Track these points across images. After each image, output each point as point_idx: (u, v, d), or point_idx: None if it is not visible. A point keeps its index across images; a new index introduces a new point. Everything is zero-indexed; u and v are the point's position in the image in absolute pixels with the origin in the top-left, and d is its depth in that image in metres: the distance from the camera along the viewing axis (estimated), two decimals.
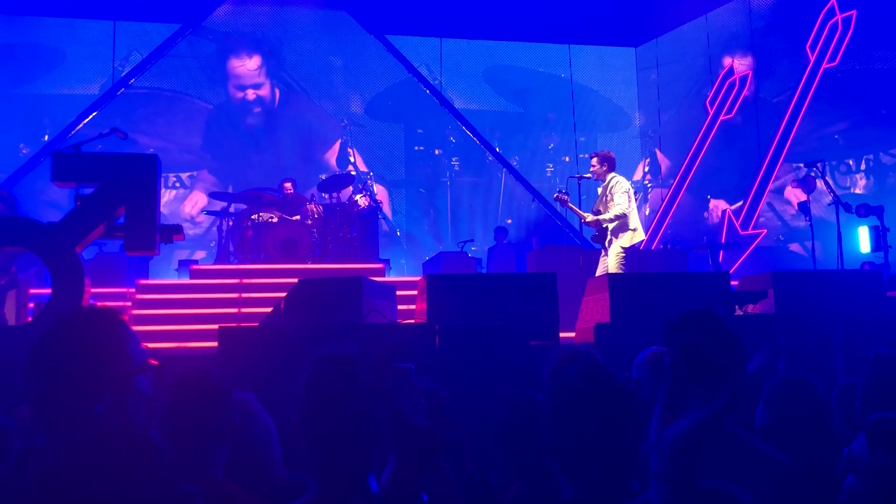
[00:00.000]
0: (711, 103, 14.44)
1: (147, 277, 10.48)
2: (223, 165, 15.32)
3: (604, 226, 7.75)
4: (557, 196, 7.95)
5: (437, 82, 16.36)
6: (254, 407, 2.83)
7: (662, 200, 15.19)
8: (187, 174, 15.28)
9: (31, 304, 8.55)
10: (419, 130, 16.32)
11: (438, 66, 16.50)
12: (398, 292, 7.22)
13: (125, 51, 15.17)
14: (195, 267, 10.21)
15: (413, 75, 16.10)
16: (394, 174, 16.23)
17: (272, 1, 15.40)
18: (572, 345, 3.30)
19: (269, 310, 7.40)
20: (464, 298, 5.87)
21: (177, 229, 6.20)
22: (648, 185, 16.35)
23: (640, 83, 17.08)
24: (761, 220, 13.53)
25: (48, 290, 8.97)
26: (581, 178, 8.45)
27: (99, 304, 8.02)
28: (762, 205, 13.47)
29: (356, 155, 15.86)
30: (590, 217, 7.87)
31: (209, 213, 13.07)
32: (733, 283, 7.31)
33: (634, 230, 7.69)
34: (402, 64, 16.02)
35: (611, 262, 7.61)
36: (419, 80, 16.09)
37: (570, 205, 7.90)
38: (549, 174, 16.44)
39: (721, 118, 14.20)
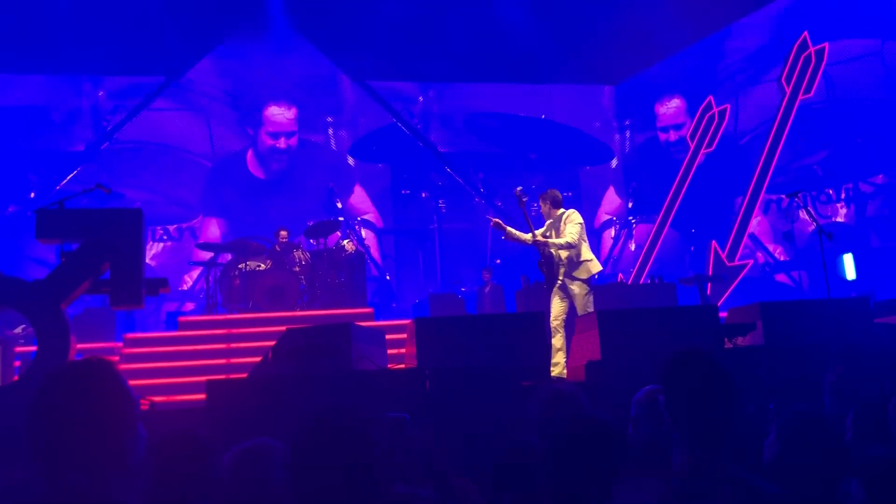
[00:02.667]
0: (692, 137, 14.63)
1: (134, 331, 10.38)
2: (224, 216, 15.35)
3: (550, 249, 7.47)
4: (494, 222, 7.86)
5: (419, 126, 16.52)
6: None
7: (647, 235, 15.31)
8: (174, 226, 15.28)
9: (17, 363, 8.46)
10: (405, 174, 16.44)
11: (420, 111, 16.68)
12: (387, 336, 7.20)
13: (111, 106, 15.27)
14: (183, 318, 10.14)
15: (397, 120, 16.26)
16: (382, 218, 16.28)
17: (247, 54, 15.51)
18: (556, 386, 3.29)
19: (258, 359, 7.35)
20: (453, 341, 5.85)
21: (162, 282, 6.18)
22: (633, 221, 16.47)
23: (619, 118, 17.32)
24: (745, 251, 13.63)
25: (32, 348, 8.92)
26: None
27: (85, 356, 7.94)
28: (746, 237, 13.58)
29: (363, 195, 15.99)
30: (528, 237, 7.57)
31: (195, 263, 13.03)
32: (722, 315, 7.34)
33: (590, 261, 7.47)
34: (386, 110, 16.18)
35: (578, 303, 7.32)
36: (403, 125, 16.24)
37: (509, 228, 7.76)
38: (534, 213, 16.55)
39: (703, 151, 14.38)
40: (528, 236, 7.56)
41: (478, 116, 16.90)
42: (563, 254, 7.39)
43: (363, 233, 15.74)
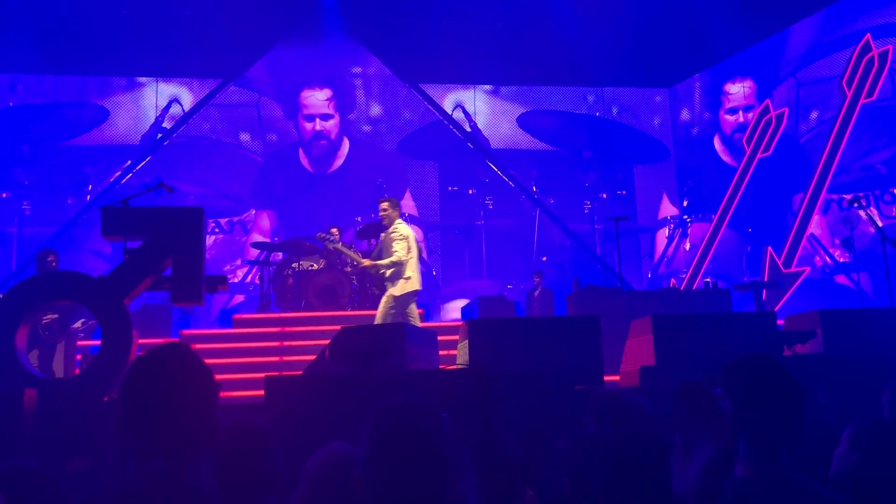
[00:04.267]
0: (748, 141, 14.37)
1: (189, 328, 10.60)
2: (275, 210, 15.60)
3: (380, 271, 7.74)
4: (320, 237, 7.98)
5: (471, 124, 16.52)
6: None
7: (702, 235, 15.06)
8: (226, 220, 15.56)
9: (79, 357, 8.72)
10: (453, 171, 16.45)
11: (473, 107, 16.68)
12: (438, 337, 7.23)
13: (166, 101, 15.65)
14: (238, 316, 10.33)
15: (446, 122, 16.30)
16: (429, 214, 16.33)
17: (301, 55, 15.75)
18: (617, 391, 3.26)
19: (310, 358, 7.45)
20: (506, 343, 5.85)
21: (221, 280, 6.31)
22: (688, 220, 16.23)
23: (674, 120, 17.10)
24: (804, 253, 13.34)
25: (94, 342, 9.18)
26: (619, 220, 8.48)
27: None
28: (804, 241, 13.28)
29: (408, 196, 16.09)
30: (366, 262, 7.89)
31: (247, 262, 13.26)
32: (779, 322, 7.20)
33: (408, 279, 7.66)
34: (436, 112, 16.24)
35: (380, 308, 7.62)
36: (453, 128, 16.28)
37: (339, 247, 7.95)
38: (586, 211, 16.41)
39: (758, 156, 14.12)
40: (365, 260, 7.97)
41: (531, 114, 16.84)
42: (389, 270, 7.69)
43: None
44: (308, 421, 4.54)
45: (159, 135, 15.41)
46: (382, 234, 8.01)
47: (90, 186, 15.02)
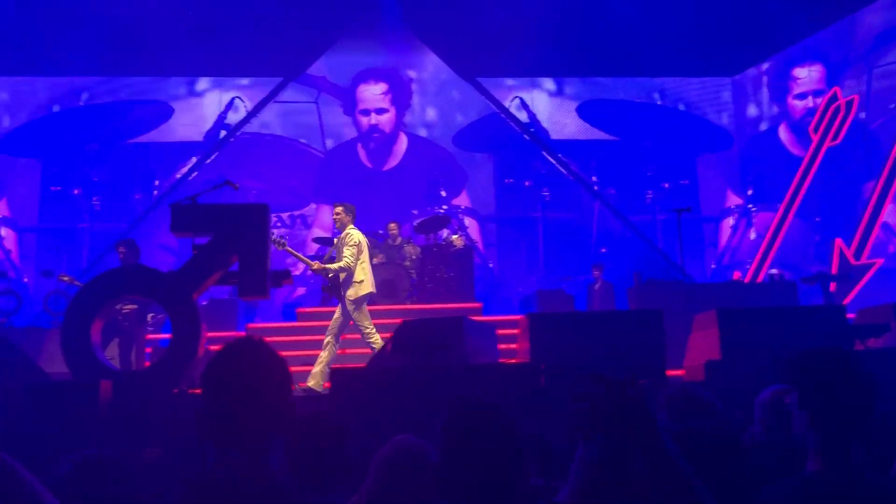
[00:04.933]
0: (816, 129, 13.96)
1: (255, 321, 10.83)
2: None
3: (329, 275, 7.94)
4: (274, 240, 7.97)
5: (529, 115, 16.42)
6: None
7: (768, 224, 14.68)
8: (287, 214, 15.83)
9: (148, 350, 9.00)
10: (509, 163, 16.39)
11: (531, 98, 16.59)
12: (497, 331, 7.24)
13: (228, 99, 16.04)
14: (301, 310, 10.52)
15: (504, 116, 16.25)
16: (484, 207, 16.32)
17: (359, 52, 15.91)
18: (690, 386, 3.22)
19: (371, 350, 7.56)
20: (567, 337, 5.83)
21: (285, 274, 6.44)
22: (753, 209, 15.84)
23: (738, 108, 16.70)
24: (877, 241, 12.89)
25: (163, 336, 9.46)
26: (681, 211, 8.36)
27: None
28: (876, 231, 12.84)
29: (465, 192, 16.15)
30: (316, 265, 8.03)
31: (309, 257, 13.45)
32: (849, 315, 7.00)
33: (360, 282, 7.84)
34: (494, 106, 16.20)
35: (354, 318, 7.83)
36: (511, 121, 16.22)
37: (290, 249, 8.03)
38: (648, 201, 16.16)
39: (826, 145, 13.70)
40: (314, 263, 8.08)
41: (591, 103, 16.65)
42: (342, 275, 7.85)
43: (466, 221, 15.83)
44: (372, 412, 4.61)
45: (223, 132, 15.78)
46: (336, 239, 8.23)
47: (157, 182, 15.49)
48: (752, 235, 15.47)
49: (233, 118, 15.92)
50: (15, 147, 15.35)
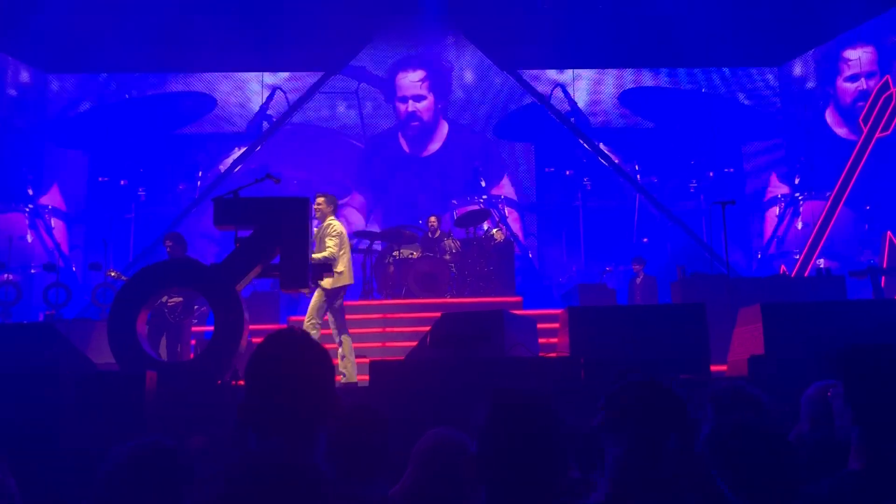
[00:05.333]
0: (865, 120, 13.61)
1: (296, 314, 10.94)
2: (374, 196, 15.94)
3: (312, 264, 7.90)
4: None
5: (571, 103, 16.29)
6: None
7: (815, 213, 14.33)
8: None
9: (193, 341, 9.16)
10: (550, 152, 16.26)
11: (572, 86, 16.44)
12: (538, 325, 7.22)
13: (269, 89, 16.23)
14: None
15: (545, 107, 16.14)
16: (525, 196, 16.24)
17: (399, 42, 15.97)
18: (737, 382, 3.17)
19: (412, 343, 7.59)
20: (608, 331, 5.78)
21: (327, 268, 6.49)
22: (800, 198, 15.49)
23: (785, 94, 16.34)
24: None
25: (207, 328, 9.61)
26: (726, 204, 8.23)
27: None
28: None
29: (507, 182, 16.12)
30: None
31: (352, 251, 13.55)
32: None
33: (340, 273, 7.85)
34: (535, 97, 16.11)
35: (314, 303, 7.78)
36: (552, 113, 16.11)
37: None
38: (692, 190, 15.91)
39: (876, 136, 13.34)
40: None
41: (634, 91, 16.45)
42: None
43: (506, 211, 15.78)
44: (411, 405, 4.63)
45: (265, 123, 15.99)
46: (315, 229, 8.20)
47: (200, 173, 15.78)
48: (799, 224, 15.13)
49: (274, 109, 16.12)
50: (64, 139, 15.77)
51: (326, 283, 7.78)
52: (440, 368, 5.07)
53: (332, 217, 8.09)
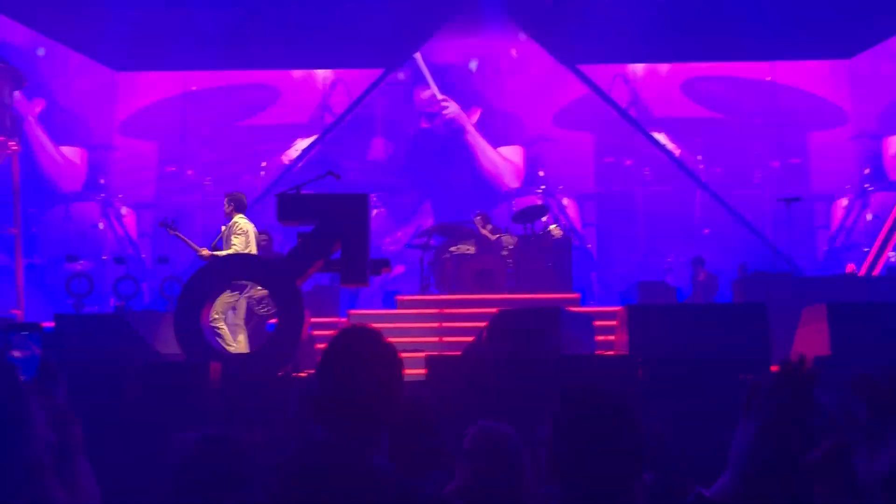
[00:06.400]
0: None
1: (356, 307, 11.10)
2: (429, 191, 16.09)
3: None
4: (162, 224, 8.09)
5: (631, 93, 16.09)
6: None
7: (885, 204, 13.81)
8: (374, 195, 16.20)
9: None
10: (609, 141, 16.09)
11: (634, 75, 16.23)
12: (595, 322, 7.17)
13: (330, 83, 16.55)
14: (400, 297, 10.71)
15: (605, 100, 15.96)
16: (584, 186, 16.09)
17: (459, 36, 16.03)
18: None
19: (467, 339, 7.62)
20: (667, 330, 5.71)
21: (385, 263, 6.58)
22: (869, 189, 14.97)
23: (854, 82, 15.80)
24: None
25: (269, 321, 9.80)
26: (790, 201, 8.05)
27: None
28: None
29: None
30: (205, 252, 7.87)
31: (411, 246, 13.65)
32: None
33: None
34: (593, 90, 15.95)
35: (220, 299, 7.49)
36: (612, 106, 15.93)
37: (180, 235, 8.02)
38: (756, 181, 15.54)
39: None
40: (203, 250, 7.89)
41: (697, 80, 16.14)
42: None
43: (564, 201, 15.68)
44: (467, 400, 4.67)
45: (326, 115, 16.25)
46: (223, 227, 8.25)
47: (263, 164, 16.14)
48: (869, 216, 14.62)
49: (336, 101, 16.36)
50: (135, 130, 16.34)
51: None
52: (496, 364, 5.09)
53: (240, 215, 8.16)
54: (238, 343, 7.61)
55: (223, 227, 8.25)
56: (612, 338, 7.39)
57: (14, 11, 13.65)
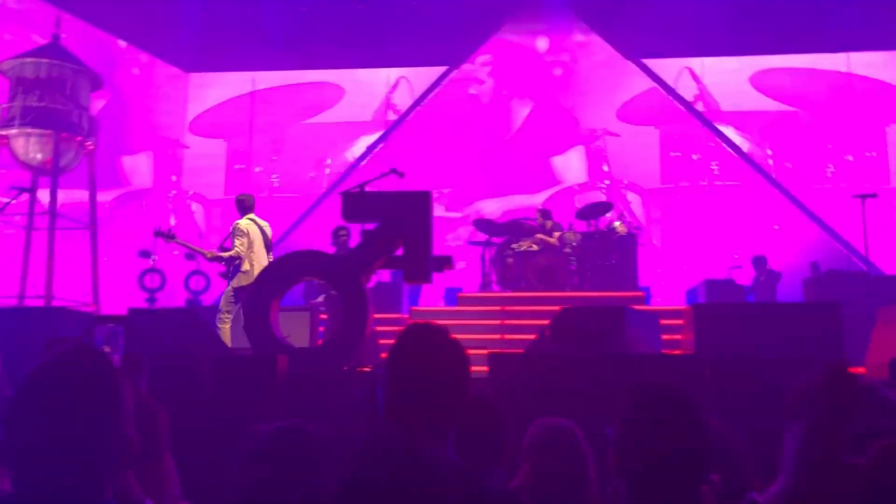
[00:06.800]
0: None
1: (418, 304, 11.17)
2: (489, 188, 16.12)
3: (222, 263, 8.21)
4: (157, 234, 8.28)
5: (699, 87, 15.77)
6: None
7: None
8: (448, 190, 16.20)
9: (321, 328, 9.52)
10: (675, 135, 15.82)
11: (701, 68, 15.91)
12: (661, 321, 7.06)
13: (393, 82, 16.73)
14: (462, 294, 10.74)
15: (669, 95, 15.69)
16: (649, 180, 15.85)
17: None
18: (870, 384, 3.02)
19: (530, 336, 7.59)
20: (735, 330, 5.59)
21: (447, 260, 6.60)
22: None
23: None
24: None
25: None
26: (866, 197, 7.78)
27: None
28: None
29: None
30: (209, 253, 8.28)
31: (473, 243, 13.68)
32: None
33: (246, 272, 8.05)
34: (659, 84, 15.69)
35: (223, 298, 8.08)
36: (677, 101, 15.65)
37: (181, 241, 8.36)
38: (829, 174, 15.06)
39: None
40: (208, 252, 8.32)
41: (768, 73, 15.72)
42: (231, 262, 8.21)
43: (629, 196, 15.47)
44: (529, 397, 4.66)
45: (390, 112, 16.40)
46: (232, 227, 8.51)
47: (328, 161, 16.42)
48: None
49: (399, 100, 16.50)
50: (205, 129, 16.82)
51: (234, 281, 8.13)
52: (560, 362, 5.06)
53: (246, 217, 8.36)
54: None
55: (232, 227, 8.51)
56: (678, 337, 7.28)
57: (91, 15, 14.17)
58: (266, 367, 5.55)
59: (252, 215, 8.40)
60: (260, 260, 8.32)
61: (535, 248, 11.02)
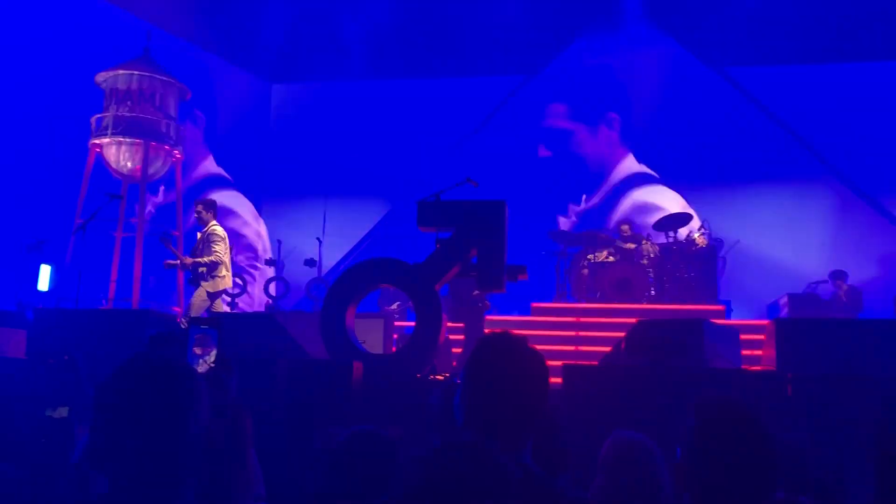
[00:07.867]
0: None
1: (490, 314, 11.14)
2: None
3: (200, 269, 8.15)
4: (163, 238, 8.39)
5: (777, 96, 15.34)
6: None
7: None
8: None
9: (395, 336, 9.62)
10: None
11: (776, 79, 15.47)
12: (742, 336, 6.88)
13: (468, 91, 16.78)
14: (536, 305, 10.69)
15: (753, 104, 15.27)
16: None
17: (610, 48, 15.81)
18: None
19: (604, 348, 7.51)
20: (818, 345, 5.41)
21: (521, 269, 6.59)
22: None
23: None
24: None
25: (408, 323, 10.06)
26: None
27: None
28: None
29: None
30: (189, 260, 8.20)
31: (547, 253, 13.63)
32: None
33: (223, 277, 8.18)
34: (738, 91, 15.31)
35: (195, 303, 8.13)
36: (759, 109, 15.22)
37: (170, 246, 8.30)
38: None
39: None
40: (187, 259, 8.28)
41: (853, 81, 15.13)
42: (203, 268, 8.20)
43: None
44: (604, 410, 4.62)
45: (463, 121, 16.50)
46: (199, 234, 8.44)
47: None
48: None
49: (474, 107, 16.58)
50: (287, 138, 17.26)
51: (209, 285, 8.18)
52: (636, 376, 4.99)
53: (215, 222, 8.40)
54: None
55: (199, 234, 8.59)
56: (759, 352, 7.07)
57: (177, 28, 14.73)
58: (341, 371, 5.64)
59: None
60: (229, 265, 8.54)
61: (611, 259, 10.90)
